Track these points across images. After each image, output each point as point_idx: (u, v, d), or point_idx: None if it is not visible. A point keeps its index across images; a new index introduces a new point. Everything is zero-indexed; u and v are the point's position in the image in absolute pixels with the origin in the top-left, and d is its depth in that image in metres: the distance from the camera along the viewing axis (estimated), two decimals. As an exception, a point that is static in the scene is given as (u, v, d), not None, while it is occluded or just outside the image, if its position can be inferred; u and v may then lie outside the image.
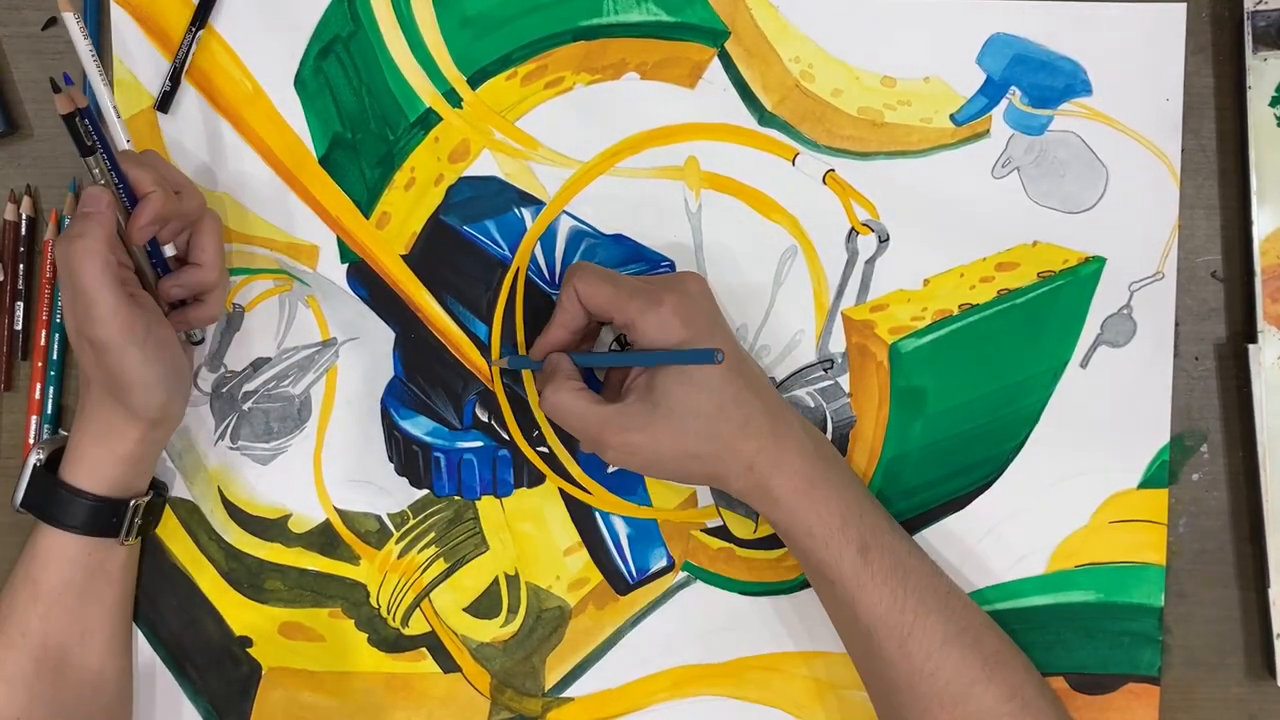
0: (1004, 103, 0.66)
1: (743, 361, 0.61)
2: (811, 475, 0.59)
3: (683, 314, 0.59)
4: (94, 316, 0.56)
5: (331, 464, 0.67)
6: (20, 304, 0.65)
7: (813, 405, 0.66)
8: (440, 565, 0.67)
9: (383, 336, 0.66)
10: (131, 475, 0.61)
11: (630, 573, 0.67)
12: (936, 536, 0.67)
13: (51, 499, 0.60)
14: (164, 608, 0.66)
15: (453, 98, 0.65)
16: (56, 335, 0.65)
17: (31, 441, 0.66)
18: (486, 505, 0.67)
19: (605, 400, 0.60)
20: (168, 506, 0.66)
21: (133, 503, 0.61)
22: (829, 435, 0.66)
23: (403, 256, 0.66)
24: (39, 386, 0.66)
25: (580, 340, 0.62)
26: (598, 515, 0.67)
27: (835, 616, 0.62)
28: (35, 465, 0.61)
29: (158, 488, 0.65)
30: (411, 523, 0.67)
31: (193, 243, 0.61)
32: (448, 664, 0.67)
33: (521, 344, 0.66)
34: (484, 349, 0.66)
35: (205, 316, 0.62)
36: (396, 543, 0.67)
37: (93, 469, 0.60)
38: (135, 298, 0.58)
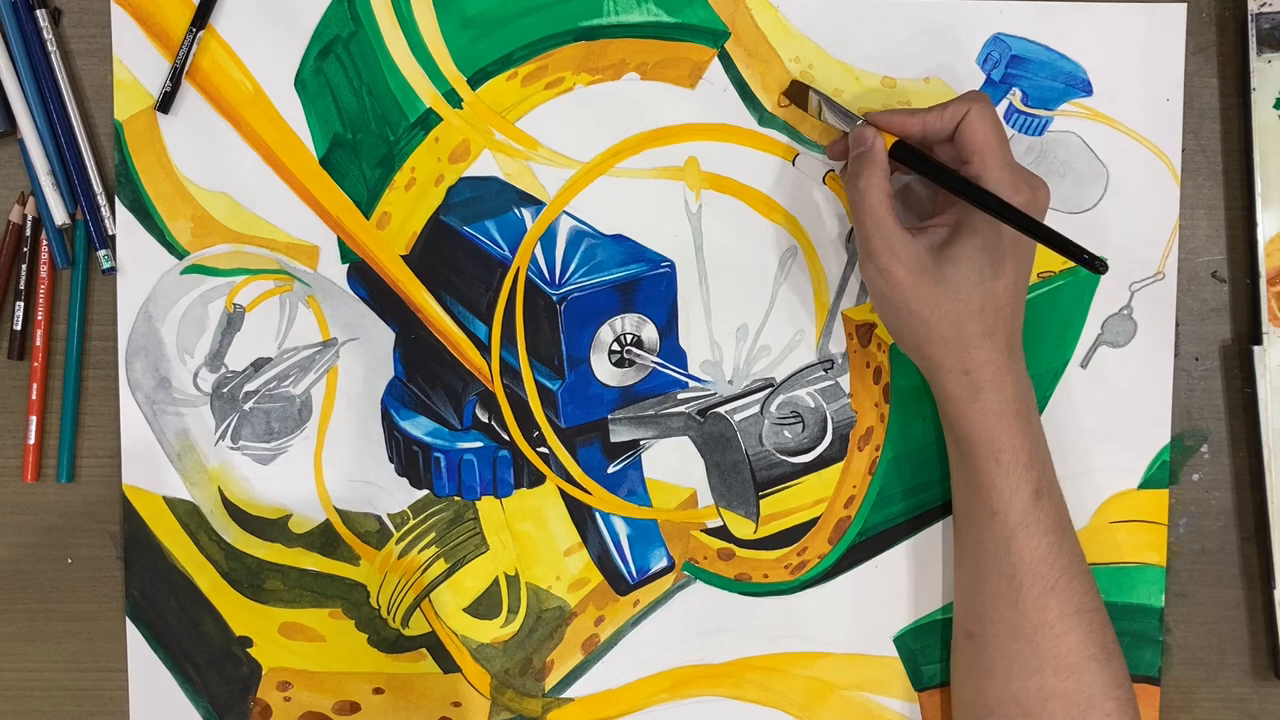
0: (1004, 103, 0.66)
1: (1026, 283, 0.60)
2: (1019, 405, 0.59)
3: (1037, 214, 0.58)
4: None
5: (332, 464, 0.67)
6: (20, 304, 0.66)
7: (813, 405, 0.66)
8: (440, 566, 0.67)
9: (383, 337, 0.66)
10: None
11: (630, 573, 0.67)
12: (937, 537, 0.67)
13: None
14: (164, 608, 0.67)
15: (453, 98, 0.65)
16: (73, 343, 0.66)
17: (31, 442, 0.66)
18: (487, 505, 0.67)
19: (895, 215, 0.59)
20: (167, 507, 0.66)
21: None
22: (829, 436, 0.67)
23: (403, 257, 0.66)
24: (37, 386, 0.66)
25: (904, 153, 0.60)
26: (598, 515, 0.67)
27: (977, 551, 0.61)
28: None
29: None
30: (412, 523, 0.67)
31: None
32: (448, 664, 0.67)
33: (521, 346, 0.66)
34: (484, 349, 0.66)
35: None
36: (397, 543, 0.67)
37: None
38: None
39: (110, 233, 0.65)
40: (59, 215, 0.65)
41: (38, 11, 0.64)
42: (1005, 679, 0.60)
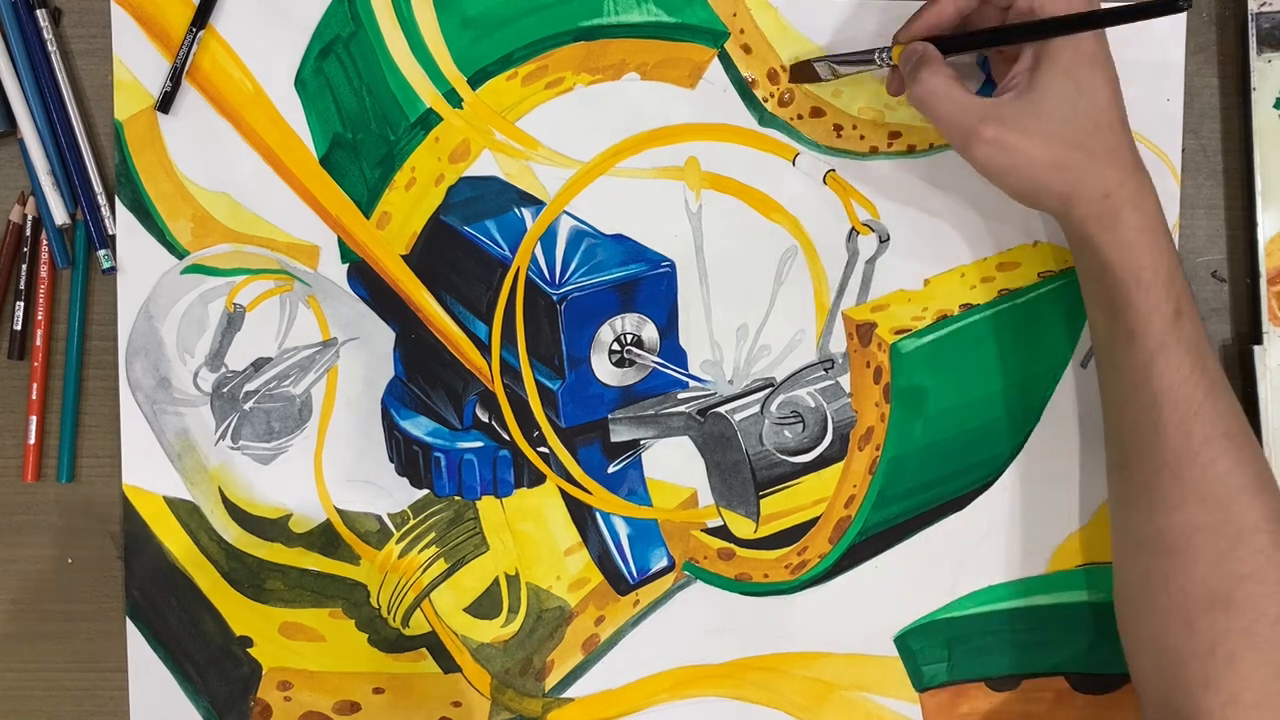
0: (1004, 103, 0.66)
1: (1121, 94, 0.59)
2: (1159, 220, 0.58)
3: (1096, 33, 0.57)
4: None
5: (332, 464, 0.67)
6: (21, 304, 0.66)
7: (813, 405, 0.66)
8: (441, 565, 0.67)
9: (383, 336, 0.66)
10: None
11: (630, 573, 0.67)
12: (937, 536, 0.67)
13: None
14: (164, 608, 0.66)
15: (453, 98, 0.65)
16: (73, 346, 0.66)
17: (31, 442, 0.66)
18: (487, 505, 0.67)
19: (971, 92, 0.58)
20: (167, 506, 0.66)
21: None
22: (829, 436, 0.67)
23: (403, 256, 0.66)
24: (37, 386, 0.66)
25: (954, 29, 0.60)
26: (598, 515, 0.67)
27: (1118, 378, 0.59)
28: None
29: None
30: (412, 523, 0.67)
31: None
32: (448, 664, 0.67)
33: (521, 346, 0.66)
34: (484, 349, 0.66)
35: None
36: (397, 543, 0.67)
37: None
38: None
39: (110, 233, 0.65)
40: (59, 215, 0.65)
41: (38, 11, 0.64)
42: (1149, 513, 0.57)
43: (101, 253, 0.65)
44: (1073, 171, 0.57)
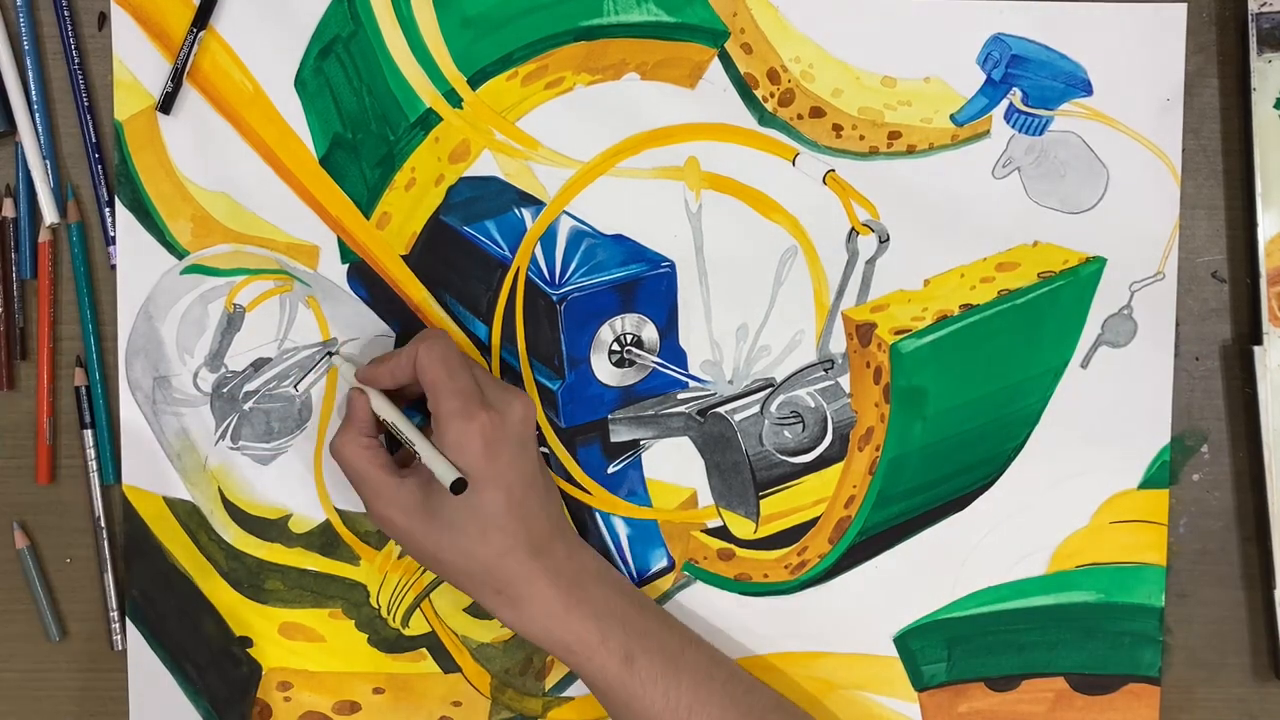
0: (1004, 103, 0.66)
1: (530, 490, 0.60)
2: (564, 600, 0.59)
3: (487, 435, 0.58)
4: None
5: (332, 464, 0.66)
6: (19, 304, 0.66)
7: (813, 405, 0.67)
8: (440, 565, 0.67)
9: (383, 336, 0.66)
10: None
11: (630, 573, 0.67)
12: (937, 536, 0.67)
13: None
14: (164, 608, 0.66)
15: (453, 98, 0.65)
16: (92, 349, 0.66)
17: (36, 442, 0.66)
18: (486, 505, 0.67)
19: (392, 462, 0.61)
20: (167, 507, 0.66)
21: None
22: (829, 436, 0.67)
23: (403, 257, 0.66)
24: (39, 387, 0.66)
25: (397, 393, 0.63)
26: (598, 515, 0.67)
27: None
28: None
29: None
30: (412, 523, 0.67)
31: None
32: (448, 664, 0.67)
33: (521, 346, 0.66)
34: (484, 349, 0.66)
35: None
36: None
37: None
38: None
39: (110, 233, 0.65)
40: (57, 215, 0.64)
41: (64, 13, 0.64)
42: None
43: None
44: (456, 573, 0.60)
